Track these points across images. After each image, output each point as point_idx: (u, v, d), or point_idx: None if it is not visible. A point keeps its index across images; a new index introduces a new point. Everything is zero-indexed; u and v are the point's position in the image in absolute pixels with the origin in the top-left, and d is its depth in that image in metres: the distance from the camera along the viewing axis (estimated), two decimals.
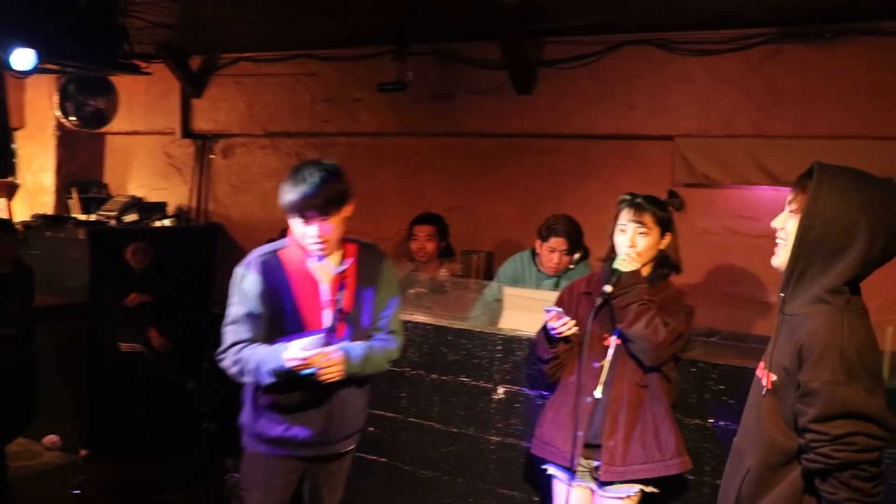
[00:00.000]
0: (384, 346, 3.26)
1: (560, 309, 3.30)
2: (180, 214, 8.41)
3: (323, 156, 7.80)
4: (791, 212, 2.33)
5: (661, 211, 3.31)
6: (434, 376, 4.16)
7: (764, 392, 2.29)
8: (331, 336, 3.07)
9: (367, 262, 3.24)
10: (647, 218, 3.27)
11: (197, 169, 8.60)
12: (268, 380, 2.98)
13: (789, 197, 2.36)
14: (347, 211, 3.09)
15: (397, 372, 4.22)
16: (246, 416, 3.27)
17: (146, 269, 6.49)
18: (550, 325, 3.28)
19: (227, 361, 3.07)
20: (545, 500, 3.63)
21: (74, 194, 8.43)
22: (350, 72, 7.53)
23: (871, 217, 2.16)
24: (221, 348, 3.10)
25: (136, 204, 8.16)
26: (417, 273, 5.37)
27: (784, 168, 5.74)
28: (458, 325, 4.20)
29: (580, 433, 3.26)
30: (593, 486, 3.31)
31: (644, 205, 3.29)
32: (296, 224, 3.03)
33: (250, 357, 3.00)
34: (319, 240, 3.01)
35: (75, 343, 6.65)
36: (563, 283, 4.73)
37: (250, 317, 3.06)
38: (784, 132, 5.80)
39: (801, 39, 5.67)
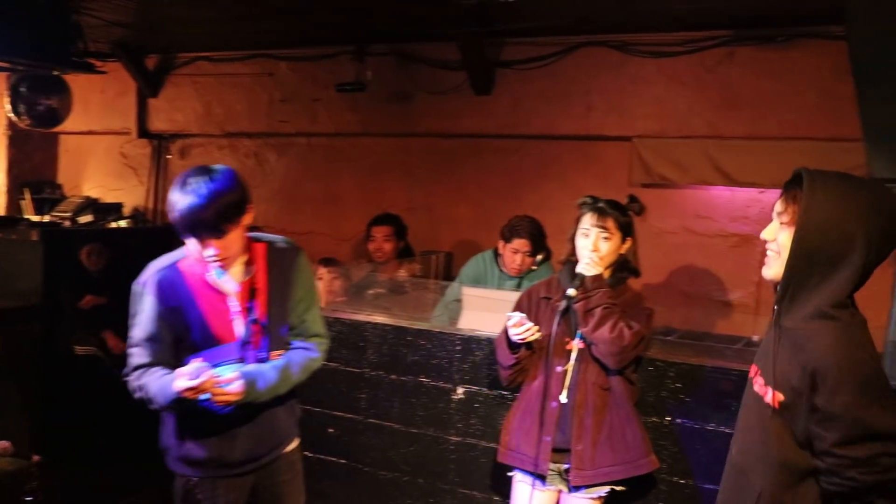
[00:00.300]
0: (304, 358, 2.98)
1: (523, 314, 3.29)
2: (137, 215, 8.32)
3: (281, 156, 7.80)
4: (782, 223, 2.26)
5: (622, 216, 3.32)
6: (393, 377, 4.14)
7: (770, 413, 2.22)
8: (246, 349, 2.83)
9: (278, 262, 2.91)
10: (610, 223, 3.28)
11: (153, 169, 8.51)
12: (168, 408, 2.76)
13: (778, 207, 2.29)
14: (247, 219, 2.74)
15: (356, 373, 4.21)
16: (168, 437, 2.99)
17: (102, 270, 6.40)
18: (512, 330, 3.27)
19: (131, 386, 2.81)
20: (506, 501, 3.64)
21: (27, 195, 8.30)
22: (309, 72, 7.49)
23: (866, 223, 2.11)
24: (126, 370, 2.84)
25: (91, 205, 8.05)
26: (376, 274, 5.35)
27: (739, 168, 5.83)
28: (417, 325, 4.18)
29: (547, 438, 3.26)
30: (563, 487, 3.32)
31: (607, 209, 3.30)
32: (189, 242, 2.69)
33: (149, 384, 2.74)
34: (217, 258, 2.69)
35: (28, 347, 6.52)
36: (526, 284, 4.74)
37: (150, 340, 2.78)
38: (739, 133, 5.89)
39: (754, 42, 5.77)
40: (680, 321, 5.03)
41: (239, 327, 2.82)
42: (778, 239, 2.28)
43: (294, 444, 3.14)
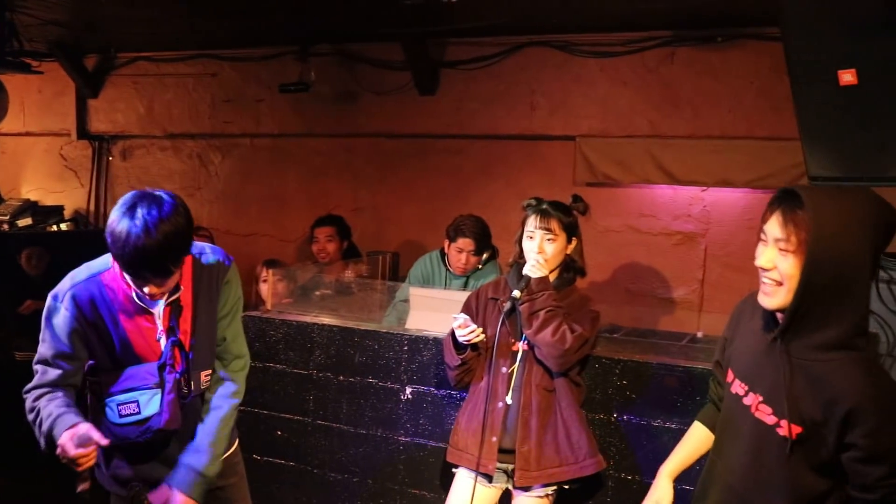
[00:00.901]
0: (225, 410, 2.81)
1: (467, 316, 3.30)
2: (78, 218, 8.16)
3: (225, 157, 7.71)
4: (783, 251, 2.11)
5: (566, 217, 3.34)
6: (341, 378, 4.12)
7: (788, 445, 2.16)
8: (165, 371, 2.64)
9: (205, 279, 2.72)
10: (554, 224, 3.29)
11: (95, 171, 8.36)
12: (49, 451, 2.52)
13: (777, 233, 2.12)
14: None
15: (303, 375, 4.17)
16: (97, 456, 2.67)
17: (42, 275, 6.28)
18: (458, 332, 3.28)
19: (27, 405, 2.60)
20: None
21: None
22: (252, 72, 7.42)
23: (871, 242, 2.05)
24: (26, 387, 2.62)
25: (30, 207, 7.88)
26: (322, 275, 5.32)
27: (681, 167, 5.91)
28: (364, 326, 4.16)
29: (493, 439, 3.27)
30: (509, 486, 3.33)
31: (550, 211, 3.31)
32: (125, 274, 2.48)
33: (42, 416, 2.53)
34: (152, 295, 2.52)
35: None
36: (473, 283, 4.78)
37: (60, 358, 2.58)
38: (680, 132, 5.97)
39: (694, 43, 5.85)
40: (625, 319, 5.08)
41: (162, 344, 2.64)
42: (780, 268, 2.12)
43: (232, 448, 3.01)
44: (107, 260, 2.60)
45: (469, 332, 3.25)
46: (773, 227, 2.13)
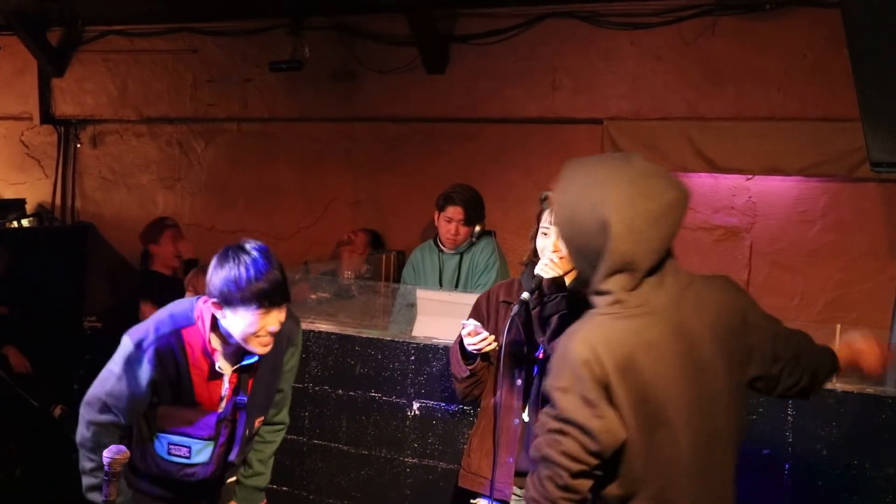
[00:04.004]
0: (277, 444, 3.42)
1: (477, 322, 3.28)
2: (42, 213, 8.18)
3: (209, 144, 7.72)
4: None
5: None
6: (340, 392, 4.12)
7: None
8: (222, 426, 3.05)
9: (275, 347, 3.01)
10: None
11: (61, 160, 8.38)
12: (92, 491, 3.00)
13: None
14: None
15: (298, 388, 4.16)
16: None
17: (2, 277, 6.29)
18: (467, 340, 3.26)
19: (81, 431, 2.98)
20: None
21: None
22: (239, 48, 7.43)
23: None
24: (91, 415, 2.95)
25: None
26: (319, 276, 5.35)
27: (722, 153, 5.89)
28: (366, 333, 4.17)
29: (510, 460, 3.26)
30: None
31: None
32: (241, 321, 2.82)
33: (95, 473, 2.94)
34: (272, 337, 2.88)
35: None
36: (467, 259, 4.91)
37: (132, 400, 2.92)
38: (722, 114, 5.95)
39: (739, 12, 5.82)
40: None
41: (223, 404, 3.01)
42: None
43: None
44: (190, 315, 2.96)
45: (479, 339, 3.23)
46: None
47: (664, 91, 6.11)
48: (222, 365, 2.97)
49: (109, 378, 2.92)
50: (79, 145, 8.34)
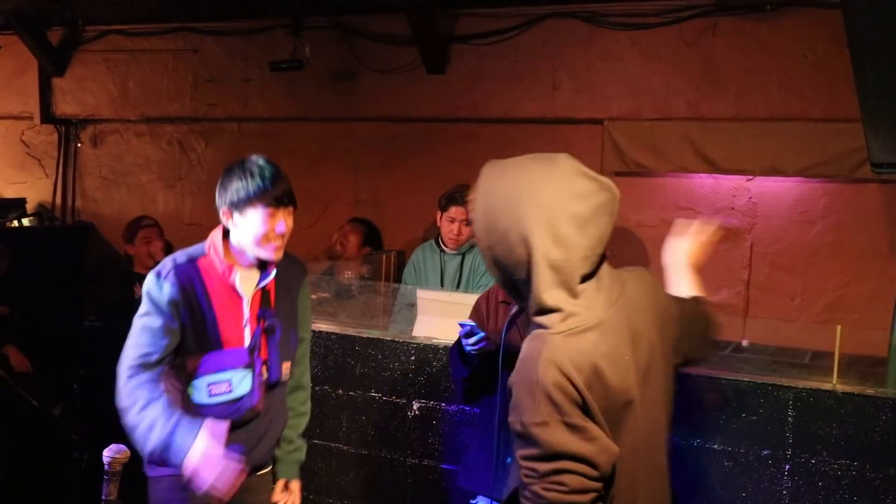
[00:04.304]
0: (308, 417, 3.44)
1: (474, 323, 3.28)
2: (42, 213, 8.18)
3: (209, 144, 7.73)
4: None
5: None
6: (340, 392, 4.13)
7: None
8: (255, 356, 3.05)
9: (289, 273, 3.21)
10: None
11: (61, 160, 8.38)
12: (159, 460, 2.87)
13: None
14: None
15: None
16: None
17: (2, 276, 6.29)
18: (465, 340, 3.26)
19: (123, 392, 2.88)
20: None
21: None
22: (239, 48, 7.43)
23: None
24: (128, 363, 2.91)
25: None
26: (318, 276, 5.35)
27: (723, 154, 5.89)
28: (366, 333, 4.17)
29: (508, 460, 3.26)
30: None
31: None
32: (250, 223, 2.94)
33: (156, 426, 2.81)
34: (282, 240, 3.00)
35: None
36: (469, 260, 4.97)
37: (164, 330, 2.93)
38: (723, 114, 5.95)
39: (739, 12, 5.83)
40: None
41: (247, 333, 3.05)
42: None
43: (268, 469, 3.34)
44: (202, 248, 3.07)
45: (477, 340, 3.24)
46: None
47: (664, 91, 6.11)
48: (241, 285, 3.03)
49: (137, 322, 2.96)
50: (79, 145, 8.35)
